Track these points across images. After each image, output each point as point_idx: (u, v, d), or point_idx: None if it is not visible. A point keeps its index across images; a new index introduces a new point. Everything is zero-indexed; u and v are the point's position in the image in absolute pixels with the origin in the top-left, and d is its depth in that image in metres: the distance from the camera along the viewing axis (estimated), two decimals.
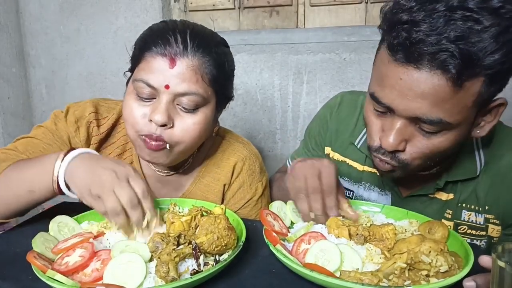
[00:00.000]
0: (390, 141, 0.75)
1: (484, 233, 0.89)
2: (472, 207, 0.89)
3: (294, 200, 0.82)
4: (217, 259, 0.68)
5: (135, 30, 1.83)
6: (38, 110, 2.09)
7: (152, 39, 0.80)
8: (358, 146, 1.01)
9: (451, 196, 0.90)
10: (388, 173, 0.84)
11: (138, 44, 0.84)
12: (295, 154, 1.19)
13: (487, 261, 0.55)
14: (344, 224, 0.75)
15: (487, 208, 0.87)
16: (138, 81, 0.80)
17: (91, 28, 1.90)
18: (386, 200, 0.98)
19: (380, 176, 0.97)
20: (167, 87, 0.78)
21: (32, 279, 0.61)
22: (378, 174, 0.97)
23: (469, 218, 0.89)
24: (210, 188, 1.00)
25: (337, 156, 1.05)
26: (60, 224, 0.75)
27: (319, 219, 0.78)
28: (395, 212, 0.86)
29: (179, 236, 0.69)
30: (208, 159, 1.01)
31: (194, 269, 0.64)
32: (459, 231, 0.90)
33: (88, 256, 0.63)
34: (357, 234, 0.72)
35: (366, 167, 1.00)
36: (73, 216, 0.78)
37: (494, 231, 0.88)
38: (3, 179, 0.79)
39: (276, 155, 1.79)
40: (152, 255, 0.66)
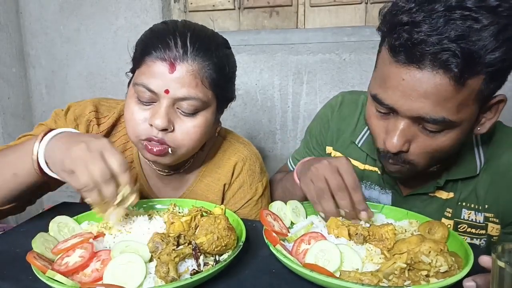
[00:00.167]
0: (394, 142, 0.75)
1: (483, 231, 0.89)
2: (472, 206, 0.89)
3: (316, 202, 0.79)
4: (217, 259, 0.68)
5: (135, 30, 1.83)
6: (38, 110, 2.09)
7: (152, 42, 0.80)
8: (359, 145, 1.01)
9: (451, 195, 0.91)
10: (398, 174, 0.84)
11: (139, 47, 0.84)
12: (296, 154, 1.19)
13: (487, 261, 0.55)
14: (343, 224, 0.75)
15: (486, 207, 0.88)
16: (139, 85, 0.80)
17: (91, 28, 1.90)
18: (386, 199, 0.98)
19: (386, 175, 0.97)
20: (166, 91, 0.78)
21: (32, 279, 0.61)
22: (380, 173, 0.97)
23: (469, 217, 0.90)
24: (211, 188, 1.00)
25: (338, 155, 1.05)
26: (60, 224, 0.75)
27: (350, 215, 0.77)
28: (395, 212, 0.86)
29: (179, 237, 0.69)
30: (209, 159, 1.01)
31: (194, 269, 0.64)
32: (459, 229, 0.91)
33: (88, 257, 0.63)
34: (356, 234, 0.72)
35: (367, 166, 1.00)
36: (73, 216, 0.78)
37: (494, 229, 0.89)
38: None
39: (276, 155, 1.79)
40: (152, 256, 0.66)
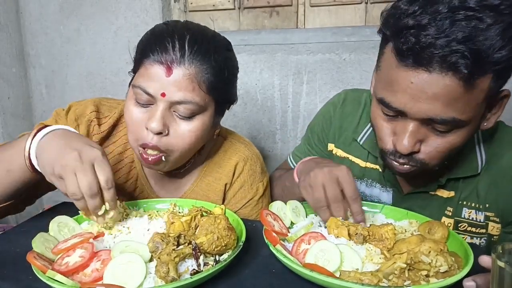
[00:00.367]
0: (405, 144, 0.75)
1: (484, 230, 0.90)
2: (473, 204, 0.90)
3: (315, 211, 0.81)
4: (217, 259, 0.68)
5: (135, 30, 1.83)
6: (38, 110, 2.09)
7: (151, 45, 0.80)
8: (361, 143, 1.01)
9: (452, 193, 0.91)
10: (407, 174, 0.84)
11: (139, 48, 0.84)
12: (296, 151, 1.19)
13: (487, 261, 0.55)
14: (343, 224, 0.75)
15: (487, 206, 0.88)
16: (137, 87, 0.80)
17: (91, 28, 1.90)
18: (387, 197, 0.98)
19: (387, 173, 0.97)
20: (163, 95, 0.78)
21: (32, 279, 0.61)
22: (382, 171, 0.97)
23: (469, 216, 0.90)
24: (212, 188, 1.00)
25: (340, 153, 1.06)
26: (60, 224, 0.75)
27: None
28: (394, 212, 0.86)
29: (179, 236, 0.69)
30: (209, 159, 1.01)
31: (194, 269, 0.64)
32: (459, 228, 0.91)
33: (88, 257, 0.63)
34: (356, 234, 0.72)
35: (369, 164, 1.00)
36: (73, 216, 0.78)
37: (494, 229, 0.89)
38: None
39: (276, 155, 1.79)
40: (152, 255, 0.66)
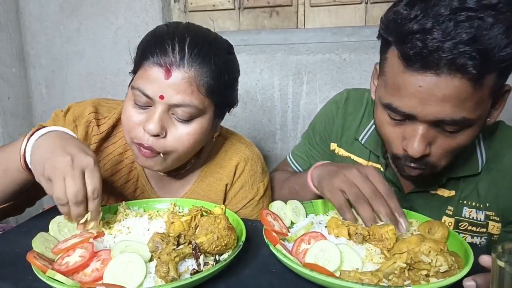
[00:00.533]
0: (416, 148, 0.75)
1: (484, 230, 0.90)
2: (473, 204, 0.90)
3: (345, 209, 0.76)
4: (217, 259, 0.68)
5: (135, 30, 1.83)
6: (38, 110, 2.09)
7: (151, 47, 0.79)
8: (362, 142, 1.01)
9: (452, 193, 0.91)
10: (418, 176, 0.84)
11: (139, 50, 0.83)
12: (296, 150, 1.18)
13: (487, 260, 0.55)
14: (343, 223, 0.75)
15: (488, 205, 0.88)
16: (135, 89, 0.80)
17: (91, 28, 1.90)
18: None
19: (388, 172, 0.97)
20: (161, 97, 0.78)
21: (32, 279, 0.61)
22: (383, 170, 0.97)
23: (469, 215, 0.90)
24: (212, 188, 1.00)
25: (342, 152, 1.05)
26: (60, 224, 0.75)
27: (393, 223, 0.73)
28: None
29: (179, 236, 0.69)
30: (210, 160, 1.01)
31: (194, 269, 0.64)
32: (459, 227, 0.91)
33: (88, 256, 0.63)
34: (356, 233, 0.72)
35: (371, 163, 1.00)
36: None
37: (495, 228, 0.89)
38: None
39: (276, 155, 1.79)
40: (152, 255, 0.66)
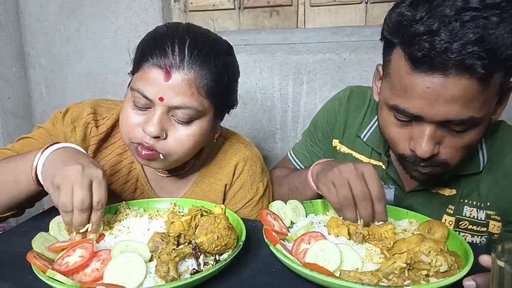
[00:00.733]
0: (424, 149, 0.75)
1: (485, 229, 0.90)
2: (474, 203, 0.90)
3: (338, 209, 0.77)
4: (217, 259, 0.68)
5: (135, 30, 1.83)
6: (38, 110, 2.09)
7: (151, 48, 0.79)
8: (364, 140, 1.01)
9: (453, 191, 0.91)
10: (429, 176, 0.84)
11: (139, 50, 0.83)
12: (297, 146, 1.18)
13: (487, 260, 0.55)
14: (344, 223, 0.75)
15: (488, 204, 0.89)
16: (135, 90, 0.80)
17: (91, 28, 1.90)
18: (389, 194, 0.98)
19: (390, 171, 0.97)
20: (161, 99, 0.77)
21: (32, 279, 0.61)
22: (385, 168, 0.97)
23: (470, 214, 0.90)
24: (212, 188, 1.00)
25: (344, 149, 1.05)
26: (60, 224, 0.75)
27: (366, 223, 0.75)
28: (394, 212, 0.86)
29: (179, 236, 0.69)
30: (210, 160, 1.01)
31: (194, 269, 0.64)
32: (460, 226, 0.91)
33: (88, 256, 0.63)
34: (356, 232, 0.72)
35: (372, 161, 1.00)
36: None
37: (495, 227, 0.89)
38: None
39: (276, 155, 1.79)
40: (152, 255, 0.66)
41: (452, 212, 0.91)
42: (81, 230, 0.70)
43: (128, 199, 0.95)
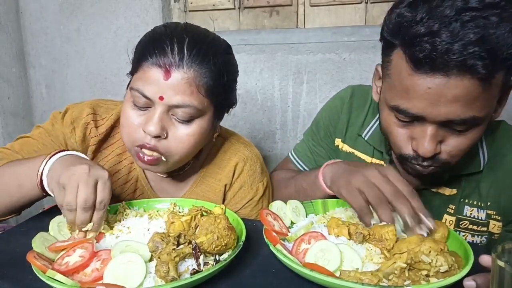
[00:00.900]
0: (427, 148, 0.75)
1: (485, 229, 0.90)
2: (475, 202, 0.90)
3: (365, 212, 0.74)
4: (217, 259, 0.68)
5: (135, 30, 1.83)
6: (38, 110, 2.09)
7: (150, 47, 0.79)
8: (366, 138, 1.01)
9: (454, 191, 0.91)
10: (432, 174, 0.84)
11: (137, 50, 0.83)
12: (298, 147, 1.18)
13: (487, 260, 0.55)
14: (344, 223, 0.75)
15: (489, 204, 0.89)
16: (134, 90, 0.79)
17: (91, 28, 1.90)
18: None
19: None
20: (161, 98, 0.77)
21: (32, 279, 0.61)
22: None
23: (471, 214, 0.90)
24: (212, 188, 1.00)
25: (346, 148, 1.05)
26: (60, 224, 0.75)
27: (410, 225, 0.70)
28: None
29: (179, 236, 0.69)
30: (209, 160, 1.00)
31: (194, 269, 0.64)
32: (460, 226, 0.91)
33: (88, 256, 0.63)
34: (356, 232, 0.72)
35: (374, 159, 1.00)
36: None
37: (495, 227, 0.89)
38: None
39: (276, 155, 1.79)
40: (152, 255, 0.66)
41: (452, 211, 0.91)
42: (83, 229, 0.70)
43: (128, 200, 0.95)
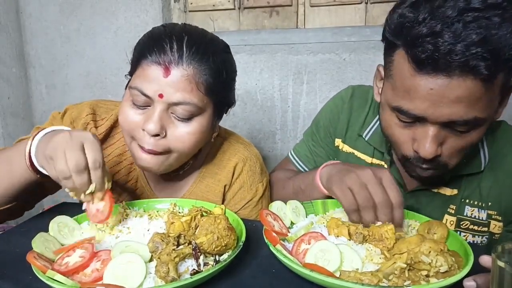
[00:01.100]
0: (429, 150, 0.75)
1: (486, 229, 0.90)
2: (476, 203, 0.90)
3: (353, 211, 0.76)
4: (217, 259, 0.68)
5: (135, 30, 1.83)
6: (38, 110, 2.09)
7: (149, 46, 0.79)
8: (366, 139, 1.01)
9: (455, 191, 0.91)
10: (430, 177, 0.84)
11: (136, 50, 0.83)
12: (298, 147, 1.18)
13: (487, 261, 0.55)
14: (344, 223, 0.75)
15: (490, 204, 0.89)
16: (133, 89, 0.79)
17: (91, 28, 1.90)
18: None
19: (392, 170, 0.96)
20: (161, 96, 0.77)
21: (32, 279, 0.61)
22: (387, 167, 0.96)
23: (472, 214, 0.90)
24: (211, 189, 1.00)
25: (346, 148, 1.05)
26: (60, 224, 0.75)
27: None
28: None
29: (179, 236, 0.69)
30: (209, 160, 1.00)
31: (194, 269, 0.64)
32: (461, 226, 0.91)
33: (88, 257, 0.63)
34: (356, 233, 0.72)
35: (375, 160, 1.00)
36: (73, 216, 0.78)
37: (496, 227, 0.89)
38: None
39: (276, 155, 1.79)
40: (152, 255, 0.66)
41: (453, 212, 0.91)
42: (87, 192, 0.70)
43: (128, 200, 0.95)
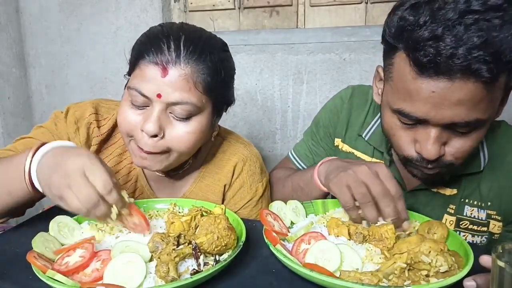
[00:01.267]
0: (431, 151, 0.75)
1: (485, 229, 0.90)
2: (475, 202, 0.90)
3: (352, 208, 0.75)
4: (217, 259, 0.68)
5: (135, 30, 1.83)
6: (38, 110, 2.09)
7: (146, 46, 0.79)
8: (366, 139, 1.01)
9: (454, 191, 0.91)
10: (435, 176, 0.84)
11: (134, 50, 0.83)
12: (298, 147, 1.18)
13: (487, 260, 0.55)
14: (344, 223, 0.75)
15: (489, 204, 0.89)
16: (132, 89, 0.79)
17: (91, 28, 1.90)
18: None
19: (391, 170, 0.96)
20: (159, 96, 0.77)
21: (32, 279, 0.61)
22: (396, 170, 0.96)
23: (471, 214, 0.90)
24: (211, 189, 1.00)
25: (346, 148, 1.05)
26: (60, 224, 0.75)
27: (395, 223, 0.73)
28: None
29: (179, 236, 0.69)
30: (208, 160, 1.00)
31: (194, 269, 0.64)
32: (461, 226, 0.91)
33: (88, 256, 0.63)
34: (356, 232, 0.72)
35: (374, 160, 1.00)
36: (73, 216, 0.78)
37: (496, 227, 0.89)
38: None
39: (276, 155, 1.79)
40: (152, 255, 0.66)
41: (452, 211, 0.91)
42: (113, 218, 0.69)
43: None
